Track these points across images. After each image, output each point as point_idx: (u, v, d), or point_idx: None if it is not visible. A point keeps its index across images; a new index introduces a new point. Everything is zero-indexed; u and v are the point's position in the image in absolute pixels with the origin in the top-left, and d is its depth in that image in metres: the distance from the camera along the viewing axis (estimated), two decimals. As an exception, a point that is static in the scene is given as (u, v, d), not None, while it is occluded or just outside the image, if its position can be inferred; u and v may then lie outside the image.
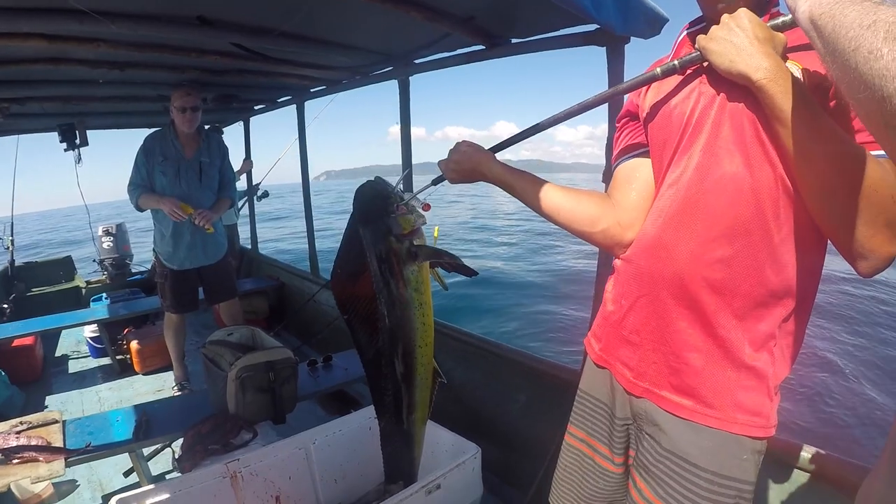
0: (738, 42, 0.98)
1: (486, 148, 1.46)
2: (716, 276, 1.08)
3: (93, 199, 5.09)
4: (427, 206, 1.45)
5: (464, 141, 1.47)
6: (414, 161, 3.35)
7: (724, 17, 1.02)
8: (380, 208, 1.36)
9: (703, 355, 1.11)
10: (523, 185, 1.38)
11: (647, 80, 1.21)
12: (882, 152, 0.87)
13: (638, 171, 1.30)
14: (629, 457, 1.31)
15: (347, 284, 1.48)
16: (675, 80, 1.20)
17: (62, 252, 6.81)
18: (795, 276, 1.05)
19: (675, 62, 1.14)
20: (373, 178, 1.45)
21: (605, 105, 1.73)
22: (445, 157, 1.49)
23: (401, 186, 1.42)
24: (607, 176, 2.29)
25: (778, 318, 1.08)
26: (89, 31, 2.24)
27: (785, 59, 0.98)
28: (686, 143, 1.14)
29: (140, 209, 3.50)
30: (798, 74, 0.97)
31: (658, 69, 1.17)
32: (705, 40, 1.05)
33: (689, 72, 1.17)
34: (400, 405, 1.59)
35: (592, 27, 2.19)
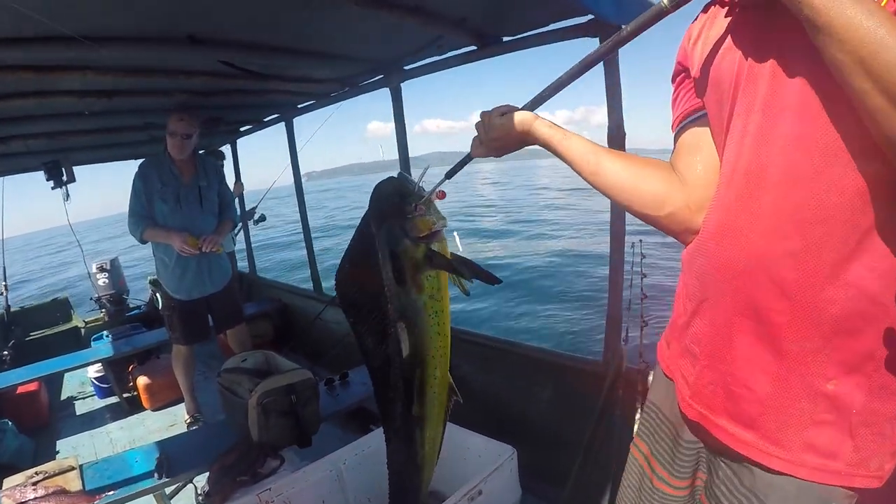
0: None
1: (521, 107, 1.26)
2: (786, 276, 0.84)
3: (74, 219, 4.92)
4: (442, 194, 1.30)
5: (493, 109, 1.27)
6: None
7: None
8: (396, 208, 1.25)
9: (769, 379, 0.89)
10: (575, 147, 1.17)
11: (653, 18, 0.96)
12: None
13: (703, 138, 1.07)
14: (697, 477, 1.13)
15: (355, 285, 1.35)
16: (723, 21, 0.97)
17: (54, 282, 6.71)
18: None
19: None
20: (395, 175, 1.32)
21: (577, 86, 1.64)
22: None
23: (423, 184, 1.29)
24: (613, 141, 2.26)
25: (880, 331, 0.80)
26: (77, 59, 2.19)
27: None
28: (742, 101, 0.90)
29: (143, 242, 3.42)
30: None
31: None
32: None
33: (734, 6, 0.94)
34: (410, 420, 1.43)
35: (585, 19, 2.17)
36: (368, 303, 1.32)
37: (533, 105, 1.25)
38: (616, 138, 2.23)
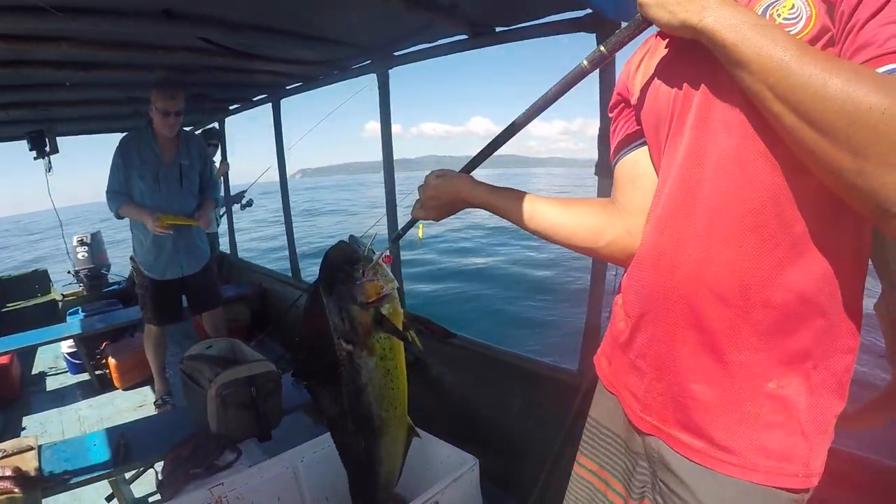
0: None
1: (458, 170, 1.32)
2: (723, 284, 0.87)
3: (64, 203, 4.91)
4: (388, 259, 1.35)
5: (431, 173, 1.33)
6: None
7: None
8: (345, 275, 1.26)
9: (712, 387, 0.91)
10: (511, 204, 1.21)
11: (579, 76, 1.08)
12: (892, 66, 0.66)
13: (640, 165, 1.10)
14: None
15: (310, 351, 1.40)
16: (662, 51, 1.01)
17: (35, 259, 6.65)
18: (833, 272, 0.82)
19: (604, 45, 1.00)
20: (344, 240, 1.34)
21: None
22: (422, 180, 1.36)
23: (372, 247, 1.31)
24: (601, 168, 2.21)
25: (816, 331, 0.85)
26: (50, 29, 2.15)
27: None
28: (677, 124, 0.94)
29: (119, 218, 3.37)
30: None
31: (584, 61, 1.05)
32: None
33: (672, 38, 0.98)
34: (367, 459, 1.50)
35: (581, 13, 2.12)
36: (323, 366, 1.36)
37: (471, 167, 1.34)
38: (605, 141, 2.16)
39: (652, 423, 1.02)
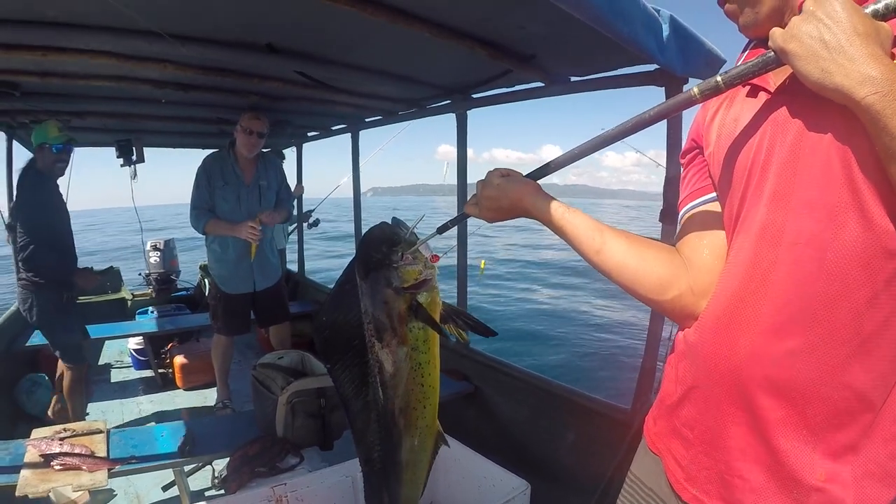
0: (830, 40, 0.70)
1: (525, 174, 1.18)
2: (782, 375, 0.84)
3: (142, 202, 5.17)
4: (435, 258, 1.24)
5: (495, 170, 1.19)
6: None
7: (808, 3, 0.73)
8: (382, 256, 1.18)
9: (760, 469, 0.89)
10: (579, 230, 1.09)
11: (685, 104, 0.94)
12: None
13: (710, 220, 1.04)
14: None
15: (335, 330, 1.31)
16: (743, 101, 0.95)
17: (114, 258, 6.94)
18: (891, 370, 0.79)
19: (722, 76, 0.86)
20: (388, 220, 1.26)
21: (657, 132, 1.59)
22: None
23: (416, 231, 1.23)
24: (666, 216, 2.27)
25: (864, 425, 0.82)
26: (158, 52, 2.26)
27: (892, 56, 0.70)
28: (755, 190, 0.89)
29: (205, 234, 3.53)
30: None
31: (695, 89, 0.90)
32: (783, 38, 0.75)
33: (759, 88, 0.92)
34: (389, 466, 1.38)
35: (652, 67, 2.19)
36: (349, 349, 1.28)
37: (539, 174, 1.18)
38: (672, 187, 2.23)
39: (694, 495, 1.00)
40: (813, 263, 0.80)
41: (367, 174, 4.78)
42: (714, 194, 1.05)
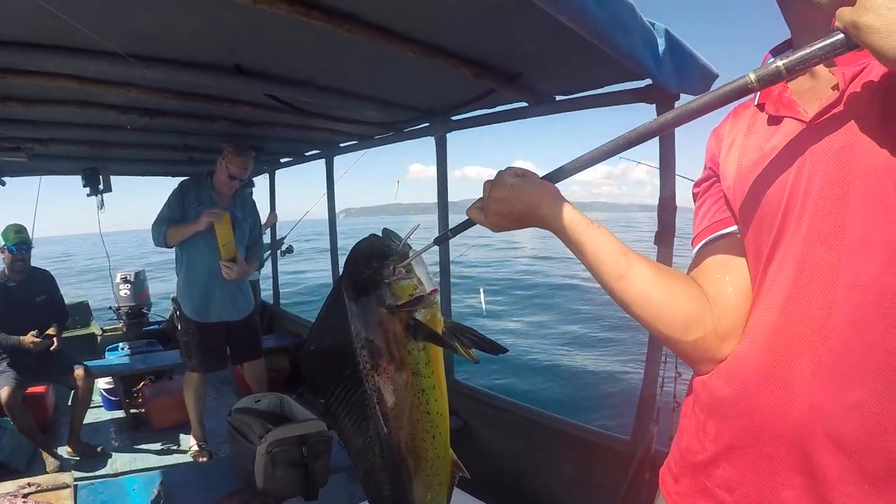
0: None
1: (541, 176, 1.03)
2: (844, 429, 0.74)
3: (110, 228, 5.02)
4: (434, 291, 1.10)
5: (508, 169, 1.02)
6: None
7: None
8: (373, 272, 1.06)
9: None
10: (602, 251, 0.95)
11: (738, 93, 0.79)
12: None
13: (734, 255, 0.95)
14: None
15: (325, 361, 1.16)
16: (766, 129, 0.86)
17: (78, 287, 6.74)
18: None
19: (784, 61, 0.71)
20: (378, 232, 1.14)
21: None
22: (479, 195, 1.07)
23: (409, 243, 1.10)
24: (662, 239, 2.19)
25: None
26: (121, 75, 2.17)
27: None
28: (794, 227, 0.79)
29: (167, 245, 3.40)
30: None
31: (752, 75, 0.75)
32: (854, 12, 0.61)
33: (784, 116, 0.83)
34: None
35: (642, 84, 2.14)
36: (341, 380, 1.14)
37: (558, 175, 1.01)
38: (668, 209, 2.19)
39: None
40: (874, 307, 0.71)
41: (340, 195, 4.69)
42: (735, 227, 0.96)
